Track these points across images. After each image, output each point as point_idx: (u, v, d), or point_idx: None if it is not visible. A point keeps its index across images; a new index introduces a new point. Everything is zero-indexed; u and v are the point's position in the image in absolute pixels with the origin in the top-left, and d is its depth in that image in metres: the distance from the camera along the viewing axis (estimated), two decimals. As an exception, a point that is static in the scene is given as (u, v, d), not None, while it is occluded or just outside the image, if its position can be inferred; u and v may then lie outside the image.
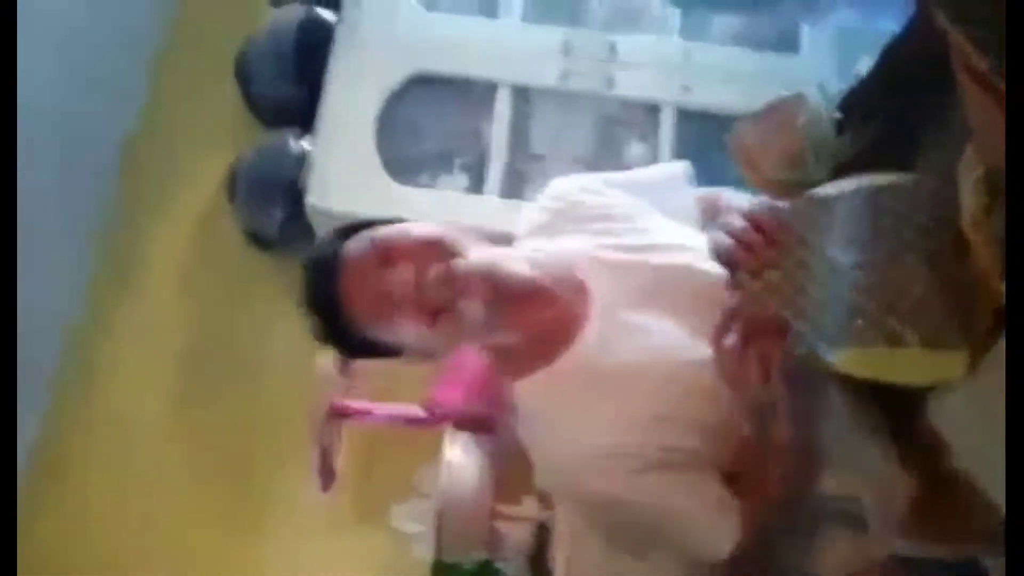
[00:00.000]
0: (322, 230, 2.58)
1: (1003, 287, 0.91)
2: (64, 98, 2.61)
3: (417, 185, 2.64)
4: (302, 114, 2.68)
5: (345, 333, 1.27)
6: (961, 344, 0.96)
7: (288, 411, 2.50)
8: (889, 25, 1.38)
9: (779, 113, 1.15)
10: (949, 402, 1.03)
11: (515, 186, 2.63)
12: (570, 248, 1.32)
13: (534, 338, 1.27)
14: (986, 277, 0.95)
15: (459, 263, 1.21)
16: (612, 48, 2.64)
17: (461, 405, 2.27)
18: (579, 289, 1.28)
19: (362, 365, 2.46)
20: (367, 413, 2.45)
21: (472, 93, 2.67)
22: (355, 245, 1.26)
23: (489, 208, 2.47)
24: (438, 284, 1.19)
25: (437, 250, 1.22)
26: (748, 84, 2.40)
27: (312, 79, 2.66)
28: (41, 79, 1.85)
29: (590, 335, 1.26)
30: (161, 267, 2.91)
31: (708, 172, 1.61)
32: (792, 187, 1.13)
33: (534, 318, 1.25)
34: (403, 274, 1.20)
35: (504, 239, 1.62)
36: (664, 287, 1.27)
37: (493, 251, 1.27)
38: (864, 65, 1.22)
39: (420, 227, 1.26)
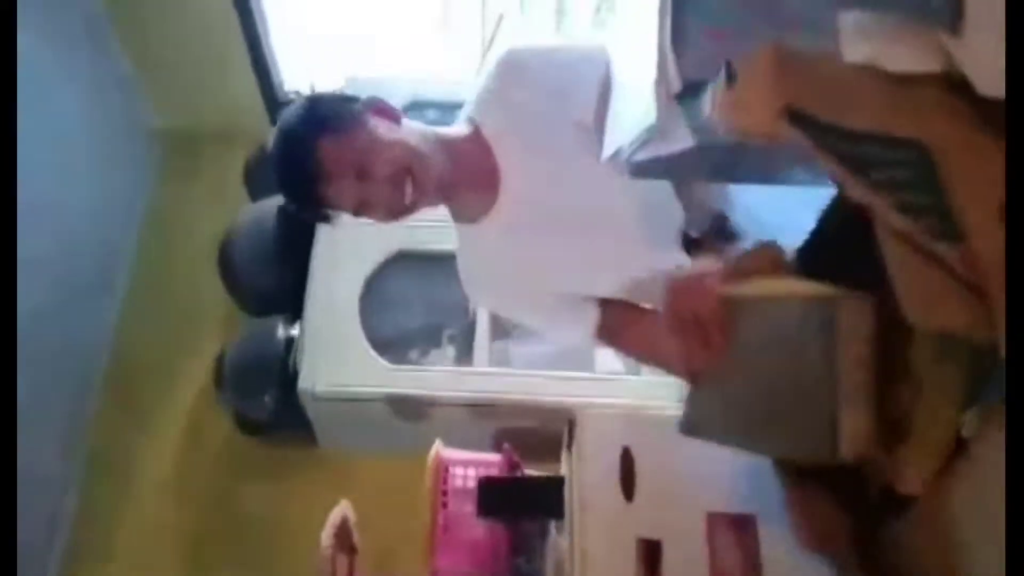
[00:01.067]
0: (315, 413, 2.59)
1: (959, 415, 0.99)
2: (46, 301, 2.63)
3: (408, 361, 2.68)
4: (287, 301, 2.72)
5: (308, 208, 1.53)
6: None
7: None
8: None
9: (762, 256, 1.22)
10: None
11: (503, 352, 2.64)
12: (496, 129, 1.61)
13: (464, 196, 1.61)
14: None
15: (422, 184, 1.48)
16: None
17: (464, 570, 2.23)
18: (490, 156, 1.59)
19: (362, 540, 2.44)
20: (374, 589, 2.40)
21: (452, 265, 2.71)
22: (333, 147, 1.46)
23: (478, 381, 2.48)
24: (408, 197, 1.47)
25: (405, 168, 1.47)
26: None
27: (294, 266, 2.72)
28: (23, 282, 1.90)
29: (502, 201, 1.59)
30: (153, 464, 2.91)
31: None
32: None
33: (465, 187, 1.59)
34: (375, 190, 1.47)
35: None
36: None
37: (434, 155, 1.53)
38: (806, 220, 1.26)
39: (391, 146, 1.48)
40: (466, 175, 1.57)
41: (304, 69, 3.37)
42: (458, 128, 1.62)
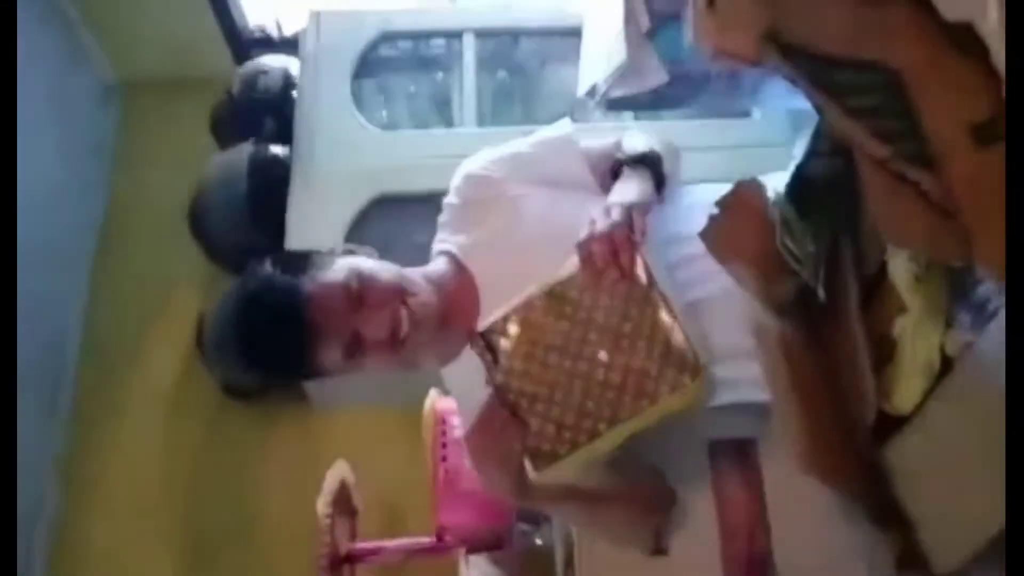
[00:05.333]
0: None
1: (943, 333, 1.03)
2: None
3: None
4: (265, 255, 2.72)
5: (305, 365, 1.42)
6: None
7: (290, 564, 2.55)
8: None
9: (743, 198, 1.23)
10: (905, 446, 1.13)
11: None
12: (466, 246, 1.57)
13: (452, 336, 1.53)
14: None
15: (417, 309, 1.43)
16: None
17: (469, 526, 2.30)
18: (473, 287, 1.54)
19: (364, 502, 2.52)
20: (378, 551, 2.48)
21: (436, 208, 2.73)
22: (322, 288, 1.40)
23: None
24: (405, 326, 1.41)
25: (399, 294, 1.42)
26: (707, 153, 2.50)
27: (270, 217, 2.71)
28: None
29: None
30: (140, 434, 2.95)
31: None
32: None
33: (453, 325, 1.51)
34: (375, 318, 1.40)
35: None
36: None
37: (423, 286, 1.49)
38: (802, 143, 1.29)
39: (381, 273, 1.44)
40: (453, 309, 1.51)
41: (266, 5, 3.36)
42: (436, 265, 1.56)
